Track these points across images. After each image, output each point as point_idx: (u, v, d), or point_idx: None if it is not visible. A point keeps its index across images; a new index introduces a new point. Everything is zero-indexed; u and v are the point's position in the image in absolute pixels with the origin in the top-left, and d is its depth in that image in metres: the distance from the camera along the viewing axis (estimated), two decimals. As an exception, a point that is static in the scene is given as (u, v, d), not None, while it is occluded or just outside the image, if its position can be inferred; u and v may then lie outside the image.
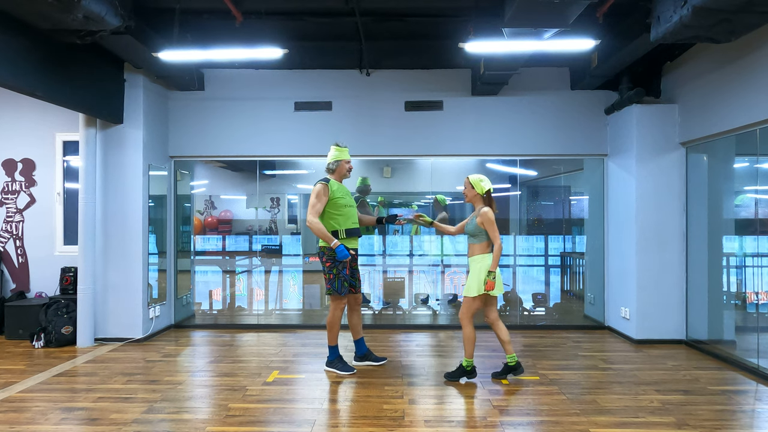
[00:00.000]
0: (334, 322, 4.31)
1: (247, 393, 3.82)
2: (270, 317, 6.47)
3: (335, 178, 4.39)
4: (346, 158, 4.41)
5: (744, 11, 3.36)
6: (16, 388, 3.96)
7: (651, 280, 5.31)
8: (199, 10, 4.81)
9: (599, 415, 3.38)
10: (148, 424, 3.26)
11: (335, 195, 4.25)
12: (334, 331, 4.34)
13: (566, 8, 3.60)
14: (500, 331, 4.06)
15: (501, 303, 6.54)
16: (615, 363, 4.61)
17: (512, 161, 6.30)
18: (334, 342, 4.38)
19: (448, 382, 4.05)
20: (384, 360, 4.55)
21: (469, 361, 4.04)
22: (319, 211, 4.20)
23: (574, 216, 6.89)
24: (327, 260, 4.22)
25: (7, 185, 6.02)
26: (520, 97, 5.98)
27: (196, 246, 6.71)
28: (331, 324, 4.32)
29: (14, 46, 3.91)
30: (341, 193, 4.31)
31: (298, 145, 6.03)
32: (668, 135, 5.32)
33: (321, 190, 4.22)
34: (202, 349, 5.18)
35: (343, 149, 4.41)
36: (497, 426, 3.22)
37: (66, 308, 5.32)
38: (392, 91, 6.01)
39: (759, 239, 4.67)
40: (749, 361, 4.41)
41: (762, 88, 4.08)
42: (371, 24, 5.19)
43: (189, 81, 5.76)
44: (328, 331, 4.35)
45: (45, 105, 5.73)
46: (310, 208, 4.19)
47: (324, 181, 4.27)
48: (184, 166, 6.32)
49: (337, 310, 4.30)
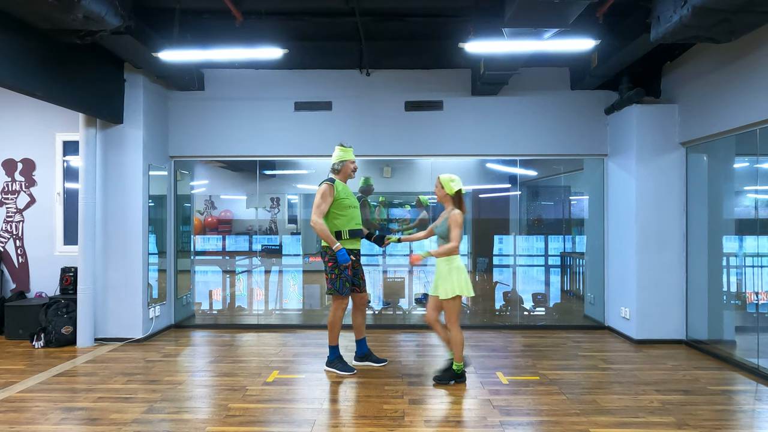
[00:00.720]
0: (335, 322, 4.31)
1: (247, 393, 3.82)
2: (270, 317, 6.47)
3: (340, 178, 4.37)
4: (351, 159, 4.40)
5: (744, 11, 3.36)
6: (16, 388, 3.96)
7: (651, 280, 5.31)
8: (199, 10, 4.81)
9: (599, 415, 3.38)
10: (148, 424, 3.26)
11: (340, 196, 4.25)
12: (335, 331, 4.34)
13: (566, 8, 3.60)
14: (439, 331, 4.07)
15: (501, 303, 6.55)
16: (615, 363, 4.61)
17: (512, 161, 6.30)
18: (335, 342, 4.37)
19: (437, 384, 4.01)
20: (384, 362, 4.54)
21: (459, 365, 4.02)
22: (323, 211, 4.19)
23: (574, 216, 6.89)
24: (329, 260, 4.21)
25: (7, 185, 6.02)
26: (520, 97, 5.98)
27: (196, 246, 6.71)
28: (332, 324, 4.32)
29: (14, 46, 3.90)
30: (345, 194, 4.31)
31: (298, 145, 6.03)
32: (668, 135, 5.32)
33: (326, 190, 4.20)
34: (202, 349, 5.18)
35: (348, 149, 4.40)
36: (497, 426, 3.22)
37: (66, 308, 5.32)
38: (392, 91, 6.01)
39: (759, 239, 4.67)
40: (749, 361, 4.41)
41: (762, 88, 4.08)
42: (371, 24, 5.19)
43: (189, 81, 5.76)
44: (329, 331, 4.35)
45: (45, 105, 5.73)
46: (315, 208, 4.18)
47: (329, 182, 4.26)
48: (184, 166, 6.32)
49: (338, 310, 4.30)
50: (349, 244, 4.28)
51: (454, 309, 3.94)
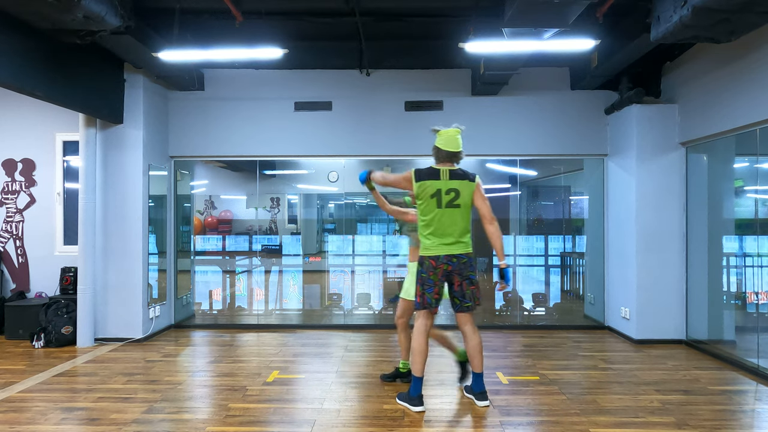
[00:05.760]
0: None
1: (247, 393, 3.82)
2: (270, 317, 6.47)
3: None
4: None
5: (744, 11, 3.36)
6: (16, 388, 3.96)
7: (651, 280, 5.31)
8: (199, 10, 4.81)
9: (599, 415, 3.38)
10: (148, 424, 3.26)
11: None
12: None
13: (566, 8, 3.60)
14: (404, 336, 4.01)
15: (501, 303, 6.55)
16: (615, 363, 4.61)
17: (512, 161, 6.30)
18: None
19: (384, 383, 4.00)
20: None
21: (405, 363, 4.01)
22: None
23: (574, 216, 6.89)
24: (471, 270, 3.53)
25: (7, 185, 6.02)
26: (520, 97, 5.98)
27: (196, 246, 6.71)
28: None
29: (14, 46, 3.90)
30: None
31: (298, 145, 6.03)
32: (668, 135, 5.32)
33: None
34: (202, 349, 5.18)
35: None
36: (497, 426, 3.22)
37: (66, 308, 5.32)
38: (392, 91, 6.01)
39: (759, 239, 4.67)
40: (749, 361, 4.41)
41: (762, 88, 4.08)
42: (371, 24, 5.19)
43: (189, 81, 5.75)
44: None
45: (45, 105, 5.72)
46: (489, 209, 3.53)
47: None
48: (184, 166, 6.32)
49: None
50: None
51: (408, 309, 3.93)
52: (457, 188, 3.46)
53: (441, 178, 3.47)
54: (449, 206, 3.45)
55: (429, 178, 3.47)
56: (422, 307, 3.49)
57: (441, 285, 3.47)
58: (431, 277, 3.44)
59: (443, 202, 3.44)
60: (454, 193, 3.45)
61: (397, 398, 3.62)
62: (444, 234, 3.44)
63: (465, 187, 3.48)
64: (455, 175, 3.50)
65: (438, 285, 3.45)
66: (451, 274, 3.45)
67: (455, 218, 3.45)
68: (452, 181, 3.47)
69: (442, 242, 3.44)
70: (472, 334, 3.56)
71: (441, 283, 3.46)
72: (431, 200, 3.45)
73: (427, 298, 3.46)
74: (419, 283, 3.50)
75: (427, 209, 3.46)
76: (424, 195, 3.46)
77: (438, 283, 3.44)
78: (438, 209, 3.44)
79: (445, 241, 3.44)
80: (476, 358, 3.55)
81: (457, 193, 3.46)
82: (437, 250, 3.44)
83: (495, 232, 3.51)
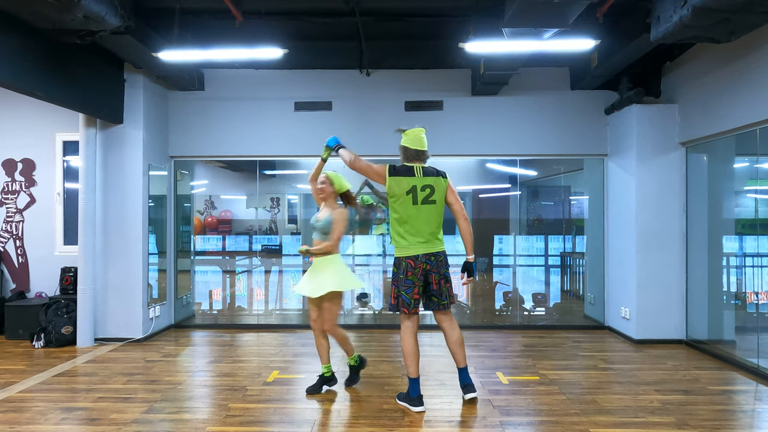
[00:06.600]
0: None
1: (247, 393, 3.82)
2: (270, 317, 6.47)
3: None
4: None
5: (744, 11, 3.36)
6: (16, 388, 3.96)
7: (651, 280, 5.31)
8: (199, 10, 4.81)
9: (599, 415, 3.38)
10: (148, 424, 3.26)
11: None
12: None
13: (566, 8, 3.60)
14: (337, 336, 3.84)
15: (501, 303, 6.55)
16: (615, 363, 4.61)
17: (512, 161, 6.30)
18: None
19: (310, 396, 3.75)
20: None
21: (354, 357, 3.93)
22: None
23: (574, 216, 6.89)
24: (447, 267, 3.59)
25: (7, 185, 6.02)
26: (520, 97, 5.98)
27: (196, 246, 6.71)
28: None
29: (14, 46, 3.90)
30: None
31: (298, 145, 6.03)
32: (668, 135, 5.32)
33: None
34: (202, 349, 5.18)
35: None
36: (497, 426, 3.22)
37: (66, 308, 5.32)
38: (392, 91, 6.01)
39: (759, 239, 4.67)
40: (749, 361, 4.41)
41: (762, 88, 4.08)
42: (371, 24, 5.19)
43: (189, 81, 5.76)
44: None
45: (45, 105, 5.72)
46: (462, 206, 3.60)
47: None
48: (184, 166, 6.32)
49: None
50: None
51: (334, 308, 3.71)
52: (431, 185, 3.49)
53: (416, 175, 3.48)
54: (425, 203, 3.46)
55: (404, 174, 3.48)
56: (397, 309, 3.50)
57: (420, 284, 3.47)
58: (410, 277, 3.44)
59: (419, 198, 3.45)
60: (429, 189, 3.47)
61: (397, 398, 3.62)
62: (419, 232, 3.45)
63: (438, 183, 3.51)
64: (428, 172, 3.53)
65: (417, 285, 3.45)
66: (428, 273, 3.47)
67: (431, 215, 3.47)
68: (426, 178, 3.49)
69: (418, 240, 3.45)
70: (451, 330, 3.60)
71: (420, 282, 3.46)
72: (407, 197, 3.45)
73: (405, 299, 3.45)
74: (394, 284, 3.51)
75: (402, 206, 3.47)
76: (399, 191, 3.46)
77: (417, 282, 3.45)
78: (414, 206, 3.45)
79: (420, 239, 3.45)
80: (458, 353, 3.59)
81: (432, 189, 3.48)
82: (415, 249, 3.44)
83: (467, 228, 3.58)
